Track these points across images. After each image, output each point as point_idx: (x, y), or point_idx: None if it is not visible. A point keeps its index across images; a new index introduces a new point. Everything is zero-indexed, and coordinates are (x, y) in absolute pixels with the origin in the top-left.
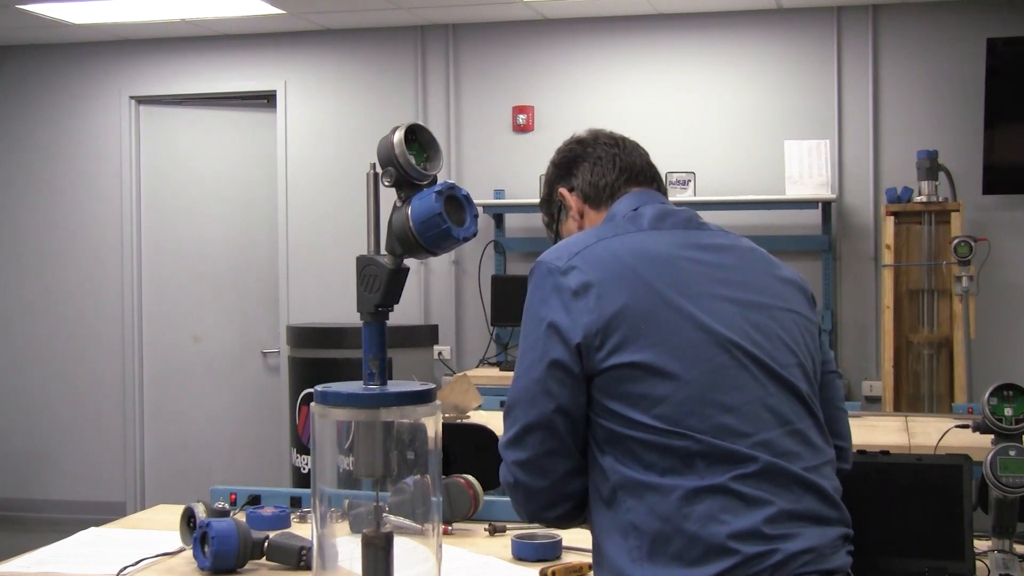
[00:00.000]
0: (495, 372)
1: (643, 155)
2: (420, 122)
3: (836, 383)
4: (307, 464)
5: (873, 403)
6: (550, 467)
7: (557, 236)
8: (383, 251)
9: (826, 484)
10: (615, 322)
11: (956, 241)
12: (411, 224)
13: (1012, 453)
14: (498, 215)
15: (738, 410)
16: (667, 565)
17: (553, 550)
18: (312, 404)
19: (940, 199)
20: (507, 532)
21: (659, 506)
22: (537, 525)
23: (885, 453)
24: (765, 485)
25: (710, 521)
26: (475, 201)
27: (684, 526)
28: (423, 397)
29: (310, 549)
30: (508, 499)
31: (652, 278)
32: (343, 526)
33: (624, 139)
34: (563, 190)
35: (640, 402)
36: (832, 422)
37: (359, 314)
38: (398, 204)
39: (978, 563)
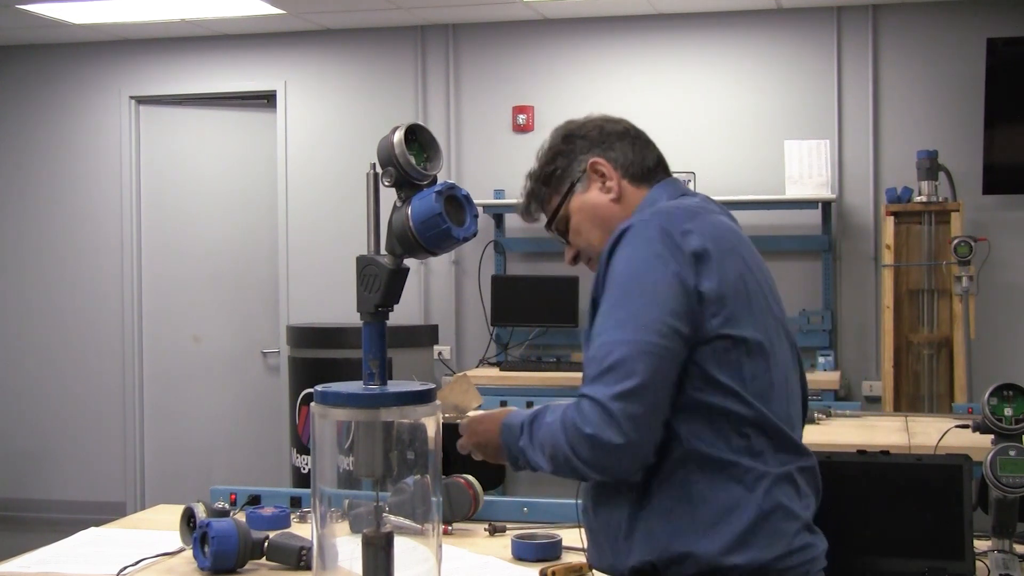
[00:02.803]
0: (495, 372)
1: None
2: (420, 122)
3: None
4: (307, 464)
5: (873, 403)
6: (656, 424)
7: (557, 212)
8: (383, 251)
9: None
10: (730, 292)
11: (956, 241)
12: (411, 224)
13: (1012, 453)
14: (498, 215)
15: (794, 402)
16: (731, 542)
17: (553, 550)
18: (312, 404)
19: (940, 199)
20: (507, 532)
21: (729, 484)
22: (537, 524)
23: (885, 453)
24: (812, 483)
25: (779, 508)
26: (475, 201)
27: (753, 508)
28: (423, 397)
29: (310, 549)
30: (508, 499)
31: (748, 260)
32: (343, 526)
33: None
34: (599, 159)
35: (741, 376)
36: None
37: (359, 314)
38: (398, 204)
39: (978, 563)
